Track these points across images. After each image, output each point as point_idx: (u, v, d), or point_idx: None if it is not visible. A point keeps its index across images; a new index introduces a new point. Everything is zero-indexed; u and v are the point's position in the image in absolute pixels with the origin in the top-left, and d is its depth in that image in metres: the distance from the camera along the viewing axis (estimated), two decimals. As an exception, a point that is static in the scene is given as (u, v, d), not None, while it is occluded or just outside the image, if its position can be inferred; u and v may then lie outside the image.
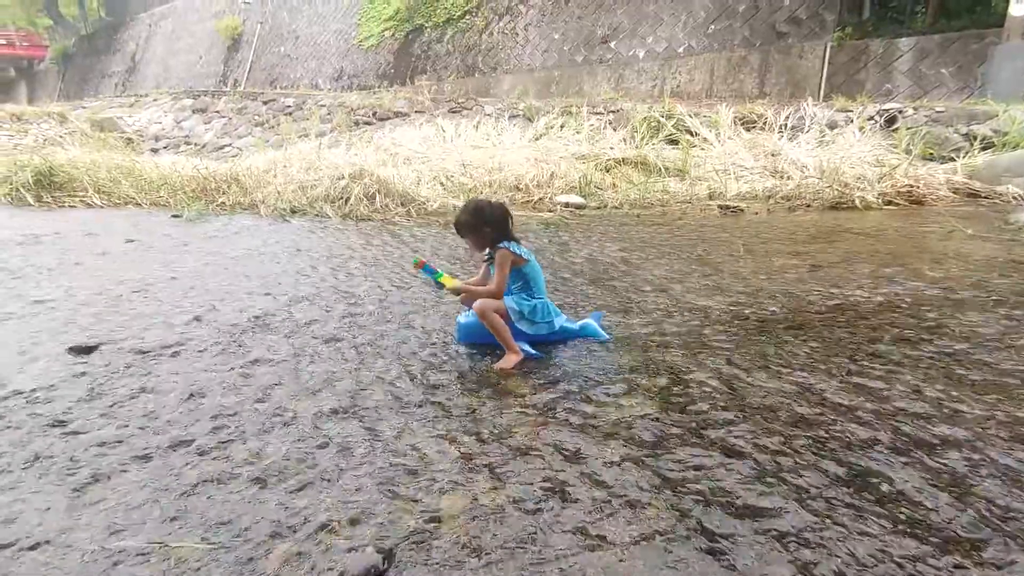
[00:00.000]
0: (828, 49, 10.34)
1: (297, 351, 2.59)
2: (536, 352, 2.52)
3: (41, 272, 3.97)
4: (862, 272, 3.72)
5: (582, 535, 1.40)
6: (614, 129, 9.86)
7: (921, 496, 1.51)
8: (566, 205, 6.86)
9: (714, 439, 1.81)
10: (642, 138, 9.29)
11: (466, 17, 16.44)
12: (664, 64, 12.42)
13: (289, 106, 14.68)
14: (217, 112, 15.83)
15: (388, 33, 18.56)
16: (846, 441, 1.77)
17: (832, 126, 8.54)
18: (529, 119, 10.66)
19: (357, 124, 12.43)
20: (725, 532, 1.40)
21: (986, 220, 5.31)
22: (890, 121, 8.31)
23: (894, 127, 8.16)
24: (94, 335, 2.77)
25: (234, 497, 1.57)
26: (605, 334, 2.69)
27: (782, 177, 7.42)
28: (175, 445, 1.83)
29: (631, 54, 13.09)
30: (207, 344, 2.68)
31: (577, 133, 9.69)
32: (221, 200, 6.94)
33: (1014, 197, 6.19)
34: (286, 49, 22.49)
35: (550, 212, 6.62)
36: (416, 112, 12.25)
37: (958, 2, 9.94)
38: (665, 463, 1.69)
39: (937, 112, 8.14)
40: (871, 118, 8.42)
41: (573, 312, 3.01)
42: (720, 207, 6.50)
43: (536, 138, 9.63)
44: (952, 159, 7.37)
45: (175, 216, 6.36)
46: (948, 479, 1.58)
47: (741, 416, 1.95)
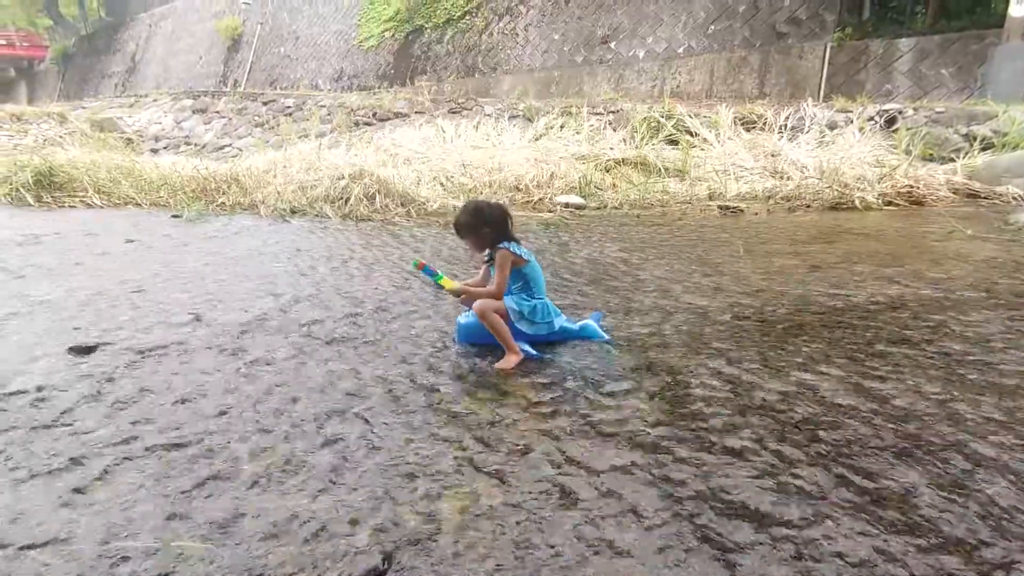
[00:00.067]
0: (828, 50, 10.34)
1: (297, 351, 2.60)
2: (536, 352, 2.53)
3: (41, 272, 3.97)
4: (862, 272, 3.72)
5: (583, 536, 1.41)
6: (614, 129, 9.87)
7: (921, 496, 1.51)
8: (566, 205, 6.86)
9: (714, 439, 1.81)
10: (642, 138, 9.29)
11: (466, 18, 16.45)
12: (664, 64, 12.43)
13: (289, 107, 14.69)
14: (217, 112, 15.84)
15: (388, 34, 18.58)
16: (846, 441, 1.78)
17: (832, 126, 8.54)
18: (529, 119, 10.67)
19: (357, 125, 12.44)
20: (726, 532, 1.40)
21: (986, 221, 5.31)
22: (890, 122, 8.31)
23: (894, 128, 8.16)
24: (94, 335, 2.77)
25: (234, 497, 1.57)
26: (605, 334, 2.69)
27: (782, 178, 7.42)
28: (175, 445, 1.83)
29: (631, 54, 13.09)
30: (207, 344, 2.68)
31: (577, 133, 9.69)
32: (221, 200, 6.94)
33: (1014, 198, 6.19)
34: (286, 50, 22.50)
35: (550, 212, 6.62)
36: (416, 112, 12.26)
37: (958, 3, 9.95)
38: (665, 463, 1.69)
39: (937, 113, 8.15)
40: (871, 119, 8.42)
41: (573, 312, 3.01)
42: (720, 207, 6.50)
43: (536, 138, 9.63)
44: (952, 160, 7.38)
45: (175, 216, 6.35)
46: (948, 479, 1.58)
47: (741, 416, 1.95)
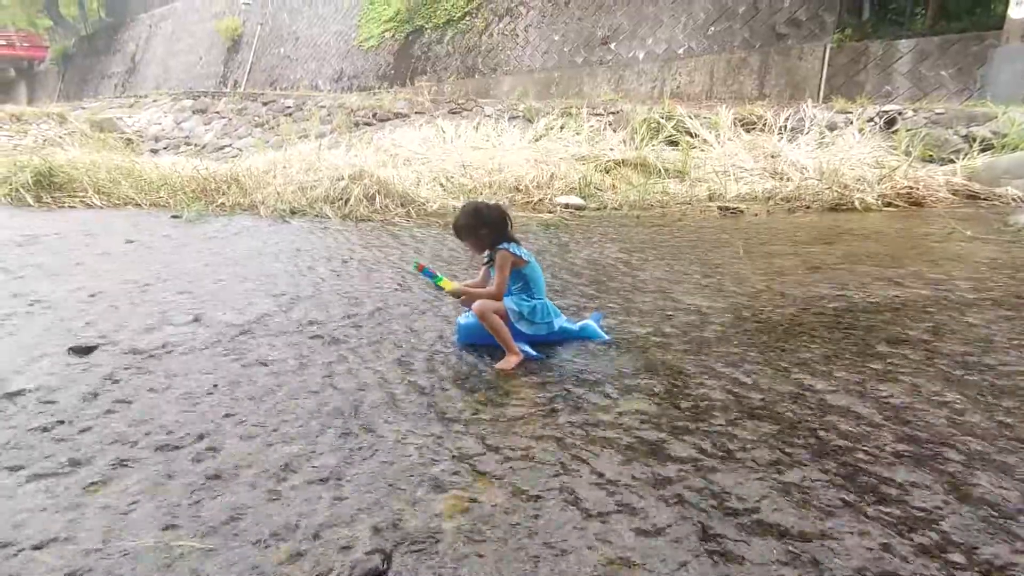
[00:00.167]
0: (828, 51, 10.35)
1: (297, 352, 2.60)
2: (536, 353, 2.53)
3: (41, 272, 3.97)
4: (862, 273, 3.72)
5: (582, 537, 1.41)
6: (614, 130, 9.87)
7: (921, 497, 1.51)
8: (566, 206, 6.87)
9: (714, 440, 1.81)
10: (642, 139, 9.30)
11: (466, 18, 16.45)
12: (664, 65, 12.43)
13: (289, 107, 14.70)
14: (217, 113, 15.85)
15: (388, 34, 18.58)
16: (846, 442, 1.78)
17: (832, 128, 8.54)
18: (529, 120, 10.67)
19: (357, 125, 12.44)
20: (726, 533, 1.40)
21: (985, 222, 5.32)
22: (890, 123, 8.32)
23: (894, 129, 8.17)
24: (94, 335, 2.77)
25: (234, 497, 1.57)
26: (605, 335, 2.69)
27: (782, 179, 7.43)
28: (175, 445, 1.83)
29: (631, 55, 13.10)
30: (207, 344, 2.68)
31: (577, 134, 9.70)
32: (221, 201, 6.94)
33: (1013, 199, 6.20)
34: (286, 50, 22.51)
35: (550, 213, 6.62)
36: (416, 113, 12.27)
37: (957, 4, 9.96)
38: (665, 463, 1.70)
39: (937, 114, 8.16)
40: (871, 120, 8.43)
41: (573, 313, 3.01)
42: (720, 208, 6.50)
43: (536, 139, 9.64)
44: (951, 161, 7.38)
45: (175, 217, 6.35)
46: (948, 480, 1.58)
47: (741, 417, 1.95)
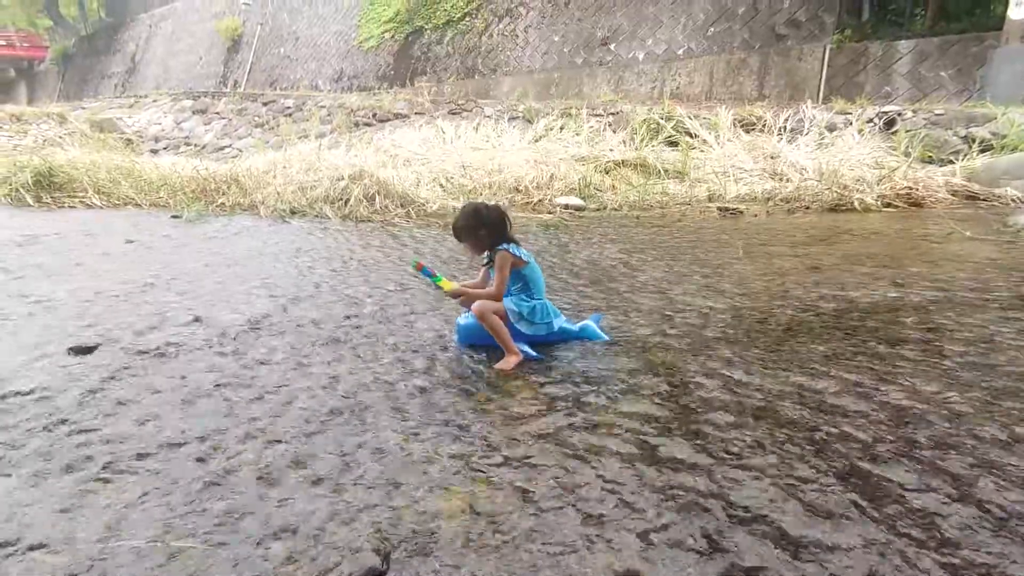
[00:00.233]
0: (827, 51, 10.35)
1: (296, 352, 2.60)
2: (536, 353, 2.53)
3: (41, 272, 3.97)
4: (861, 274, 3.73)
5: (582, 537, 1.41)
6: (614, 131, 9.88)
7: (921, 497, 1.52)
8: (566, 207, 6.87)
9: (714, 440, 1.81)
10: (642, 140, 9.30)
11: (466, 19, 16.45)
12: (664, 66, 12.44)
13: (289, 107, 14.71)
14: (217, 113, 15.86)
15: (388, 35, 18.58)
16: (846, 442, 1.78)
17: (831, 128, 8.55)
18: (529, 121, 10.67)
19: (357, 125, 12.45)
20: (726, 534, 1.40)
21: (985, 222, 5.32)
22: (889, 123, 8.32)
23: (893, 129, 8.17)
24: (94, 335, 2.77)
25: (233, 497, 1.57)
26: (605, 335, 2.69)
27: (781, 179, 7.43)
28: (174, 445, 1.83)
29: (631, 56, 13.11)
30: (207, 344, 2.68)
31: (577, 135, 9.70)
32: (221, 201, 6.94)
33: (1012, 199, 6.20)
34: (286, 50, 22.50)
35: (550, 214, 6.63)
36: (416, 114, 12.27)
37: (957, 5, 9.96)
38: (665, 464, 1.70)
39: (936, 115, 8.16)
40: (870, 120, 8.43)
41: (573, 314, 3.01)
42: (719, 209, 6.51)
43: (536, 140, 9.64)
44: (951, 161, 7.39)
45: (175, 217, 6.36)
46: (948, 480, 1.58)
47: (741, 417, 1.95)
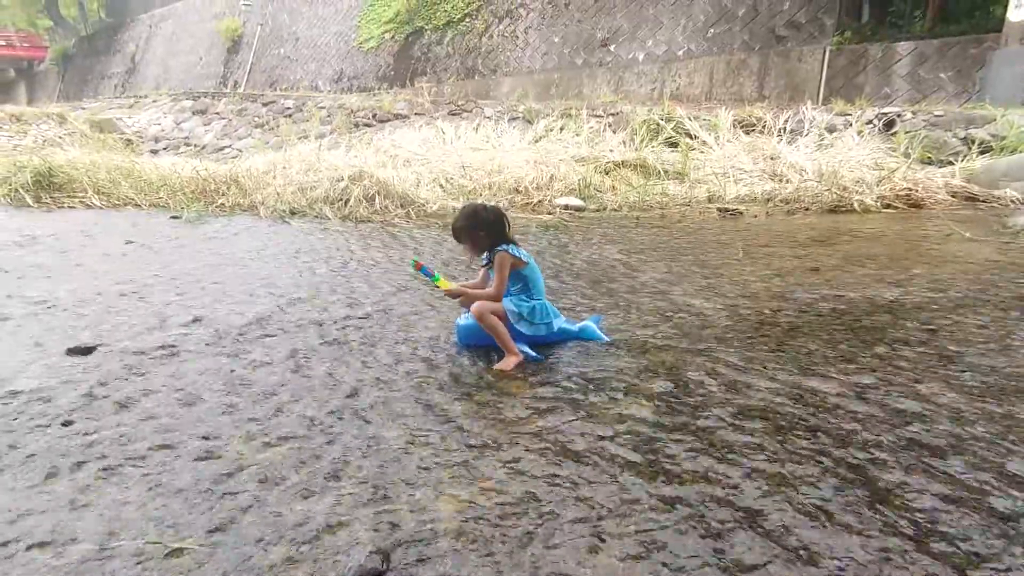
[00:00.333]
0: (827, 53, 10.36)
1: (296, 352, 2.60)
2: (535, 354, 2.53)
3: (40, 273, 3.97)
4: (861, 275, 3.73)
5: (581, 537, 1.41)
6: (614, 132, 9.87)
7: (921, 498, 1.52)
8: (566, 207, 6.87)
9: (714, 440, 1.81)
10: (641, 141, 9.30)
11: (466, 20, 16.45)
12: (664, 67, 12.44)
13: (289, 108, 14.70)
14: (217, 114, 15.85)
15: (388, 35, 18.58)
16: (845, 443, 1.78)
17: (831, 130, 8.55)
18: (529, 121, 10.67)
19: (357, 126, 12.45)
20: (725, 534, 1.40)
21: (984, 224, 5.32)
22: (889, 125, 8.32)
23: (893, 131, 8.17)
24: (93, 336, 2.77)
25: (234, 497, 1.57)
26: (604, 336, 2.69)
27: (781, 180, 7.43)
28: (174, 445, 1.84)
29: (631, 57, 13.11)
30: (206, 345, 2.68)
31: (577, 136, 9.69)
32: (220, 201, 6.93)
33: (1012, 201, 6.20)
34: (286, 51, 22.50)
35: (549, 214, 6.62)
36: (416, 114, 12.27)
37: (957, 6, 9.97)
38: (665, 464, 1.70)
39: (936, 116, 8.16)
40: (870, 122, 8.43)
41: (572, 314, 3.01)
42: (719, 210, 6.50)
43: (536, 140, 9.64)
44: (950, 163, 7.39)
45: (174, 217, 6.35)
46: (948, 481, 1.58)
47: (741, 417, 1.95)
